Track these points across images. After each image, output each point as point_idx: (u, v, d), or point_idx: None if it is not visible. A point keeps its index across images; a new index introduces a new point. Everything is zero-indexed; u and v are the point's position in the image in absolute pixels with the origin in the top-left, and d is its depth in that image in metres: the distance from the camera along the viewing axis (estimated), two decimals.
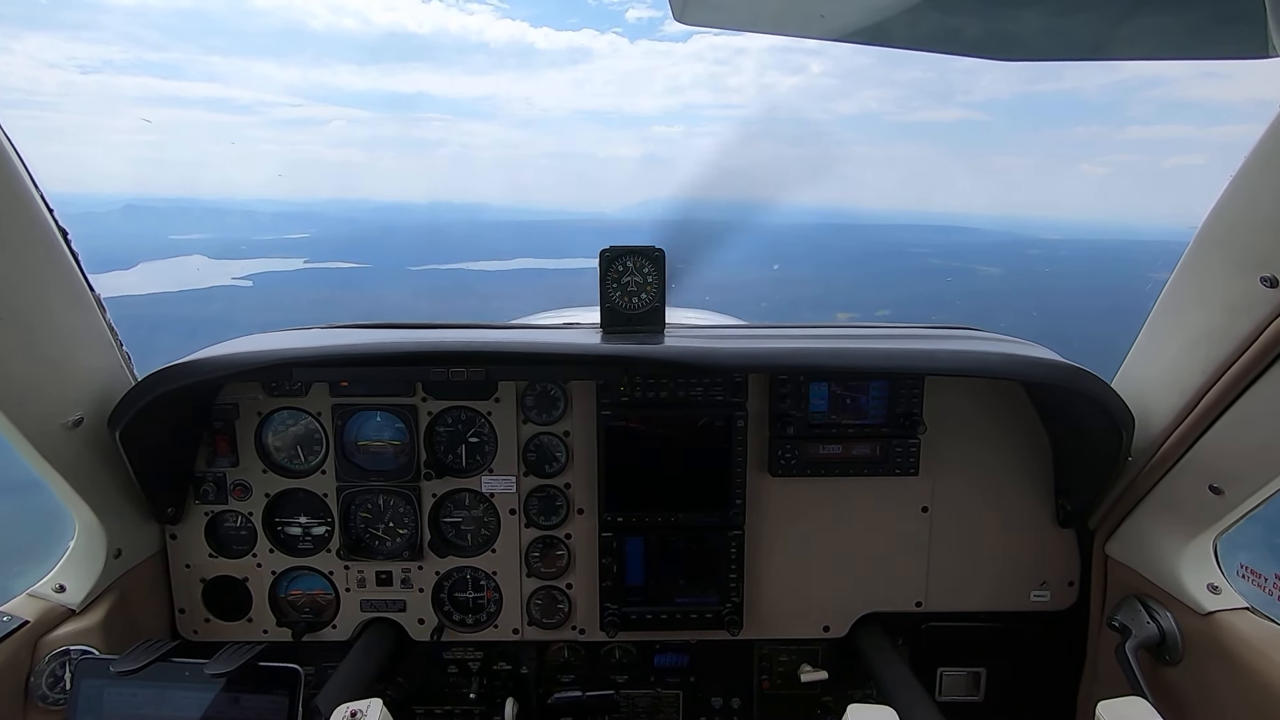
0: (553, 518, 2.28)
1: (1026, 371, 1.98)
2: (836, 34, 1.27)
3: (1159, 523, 1.95)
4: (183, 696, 1.64)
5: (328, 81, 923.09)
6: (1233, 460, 1.71)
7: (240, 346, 2.06)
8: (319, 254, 78.44)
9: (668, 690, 2.44)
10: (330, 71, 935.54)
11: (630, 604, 2.26)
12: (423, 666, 2.40)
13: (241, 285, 56.42)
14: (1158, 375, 1.89)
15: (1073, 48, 1.28)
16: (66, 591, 1.94)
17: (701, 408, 2.19)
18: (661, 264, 2.18)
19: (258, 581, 2.29)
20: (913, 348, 2.04)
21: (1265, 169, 1.47)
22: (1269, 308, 1.51)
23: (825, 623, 2.35)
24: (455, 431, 2.27)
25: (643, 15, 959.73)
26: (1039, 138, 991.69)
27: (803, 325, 2.34)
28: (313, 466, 2.26)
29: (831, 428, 2.22)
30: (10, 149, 1.56)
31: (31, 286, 1.68)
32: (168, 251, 69.17)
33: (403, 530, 2.30)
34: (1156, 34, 1.20)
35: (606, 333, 2.19)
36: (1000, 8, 1.19)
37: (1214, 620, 1.80)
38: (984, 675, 2.41)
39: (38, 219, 1.68)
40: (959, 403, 2.24)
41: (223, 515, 2.27)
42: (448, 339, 2.08)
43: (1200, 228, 1.68)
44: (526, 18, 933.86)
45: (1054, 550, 2.30)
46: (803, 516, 2.28)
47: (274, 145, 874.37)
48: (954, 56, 1.38)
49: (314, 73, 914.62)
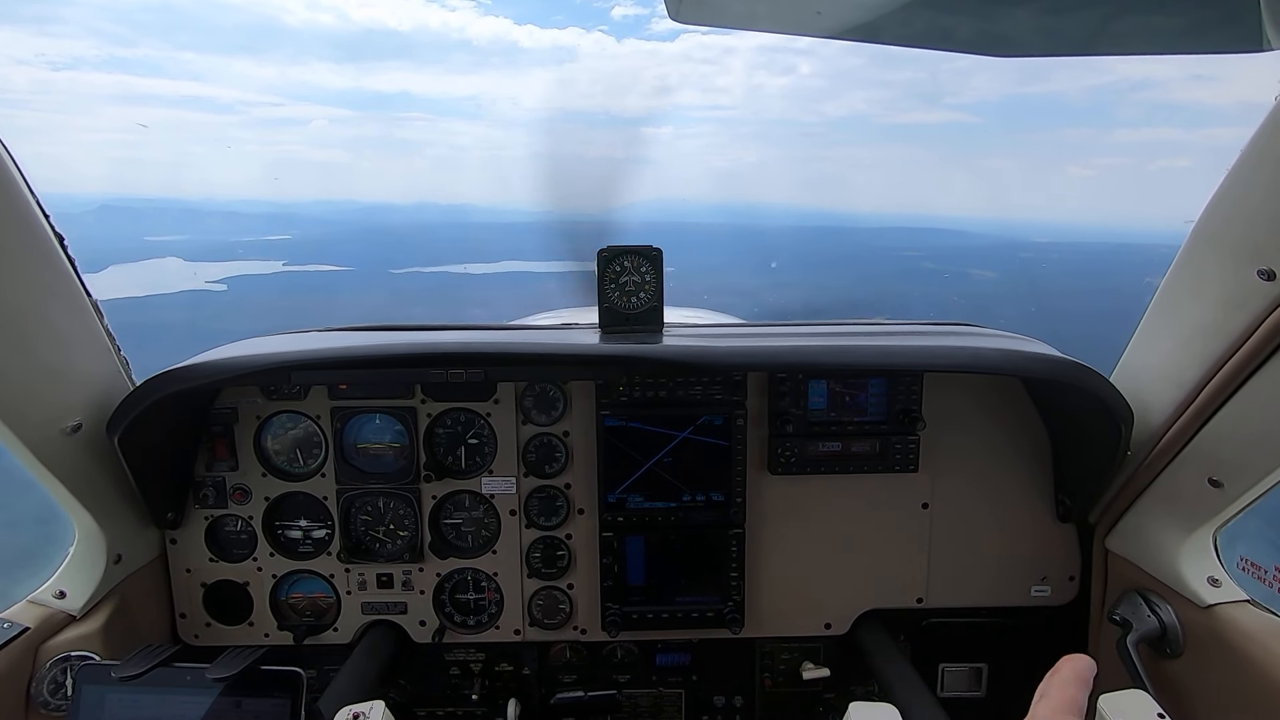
0: (553, 518, 2.28)
1: (1025, 367, 1.99)
2: (832, 32, 1.27)
3: (1159, 516, 1.95)
4: (184, 701, 1.64)
5: (308, 80, 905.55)
6: (1232, 453, 1.72)
7: (238, 350, 2.06)
8: (299, 256, 77.39)
9: (670, 689, 2.44)
10: (309, 70, 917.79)
11: (631, 604, 2.26)
12: (424, 668, 2.40)
13: (214, 290, 55.25)
14: (1156, 369, 1.89)
15: (1066, 44, 1.28)
16: (67, 597, 1.94)
17: (701, 407, 2.19)
18: (659, 263, 2.18)
19: (258, 585, 2.29)
20: (911, 344, 2.04)
21: (1262, 162, 1.48)
22: (1266, 300, 1.51)
23: (826, 620, 2.35)
24: (454, 433, 2.27)
25: (629, 13, 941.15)
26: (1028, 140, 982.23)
27: (801, 323, 2.35)
28: (312, 470, 2.25)
29: (831, 425, 2.22)
30: (5, 154, 1.56)
31: (28, 292, 1.68)
32: (142, 254, 67.99)
33: (403, 532, 2.29)
34: (1150, 30, 1.21)
35: (605, 333, 2.19)
36: (993, 5, 1.19)
37: (1214, 613, 1.80)
38: (985, 671, 2.42)
39: (33, 224, 1.67)
40: (958, 399, 2.24)
41: (223, 519, 2.26)
42: (446, 340, 2.08)
43: (1196, 221, 1.68)
44: (510, 15, 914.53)
45: (1054, 545, 2.30)
46: (803, 514, 2.29)
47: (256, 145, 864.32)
48: (945, 55, 1.39)
49: (292, 71, 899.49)
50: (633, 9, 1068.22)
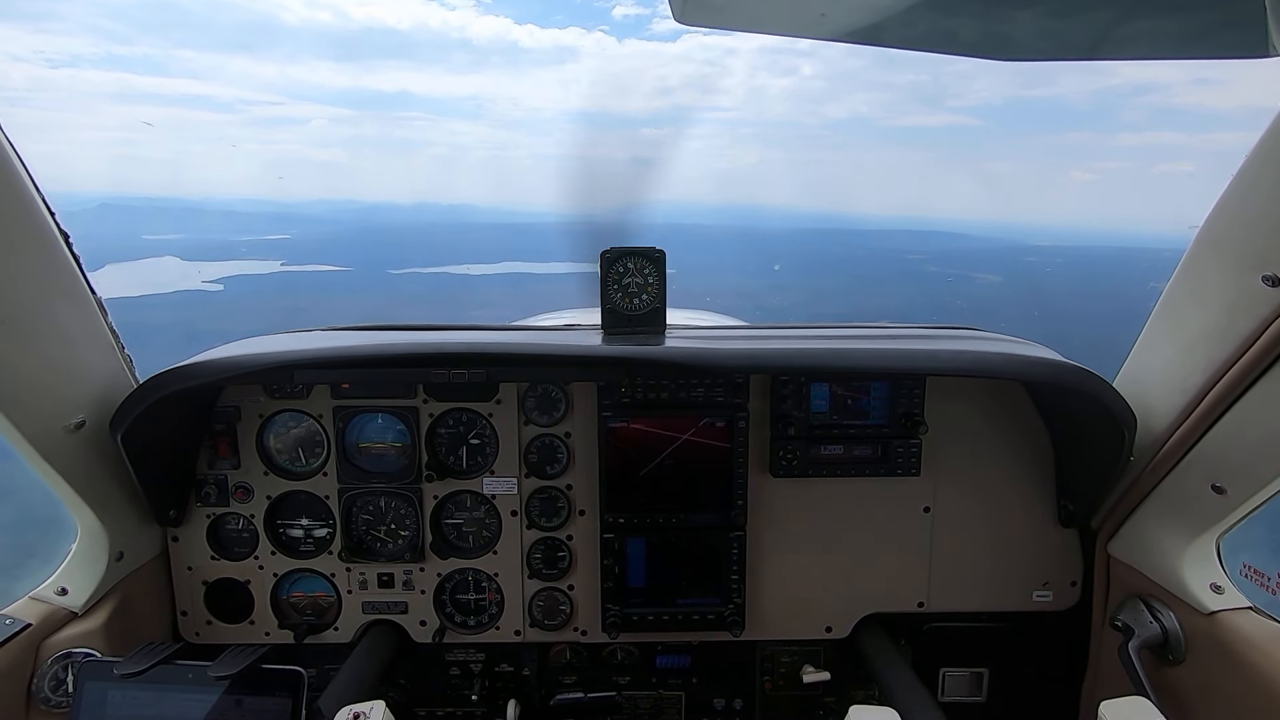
0: (554, 519, 2.28)
1: (1028, 371, 1.98)
2: (836, 34, 1.27)
3: (1161, 522, 1.94)
4: (185, 699, 1.64)
5: (307, 79, 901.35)
6: (1235, 459, 1.71)
7: (242, 349, 2.06)
8: (297, 256, 76.93)
9: (670, 691, 2.44)
10: (309, 68, 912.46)
11: (632, 605, 2.26)
12: (425, 668, 2.40)
13: (210, 290, 54.89)
14: (1159, 374, 1.89)
15: (1070, 48, 1.28)
16: (69, 594, 1.94)
17: (703, 409, 2.19)
18: (662, 265, 2.19)
19: (259, 584, 2.29)
20: (914, 348, 2.04)
21: (1266, 168, 1.47)
22: (1270, 306, 1.51)
23: (827, 623, 2.34)
24: (456, 433, 2.27)
25: (630, 12, 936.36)
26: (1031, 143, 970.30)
27: (803, 325, 2.35)
28: (314, 469, 2.26)
29: (833, 428, 2.22)
30: (11, 152, 1.56)
31: (33, 289, 1.69)
32: (140, 253, 67.66)
33: (404, 532, 2.30)
34: (1155, 34, 1.20)
35: (607, 334, 2.19)
36: (997, 7, 1.19)
37: (1217, 620, 1.80)
38: (986, 676, 2.41)
39: (39, 222, 1.68)
40: (960, 403, 2.24)
41: (224, 518, 2.27)
42: (449, 340, 2.09)
43: (1201, 227, 1.68)
44: (510, 14, 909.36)
45: (1056, 550, 2.30)
46: (804, 517, 2.28)
47: (256, 144, 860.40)
48: (948, 58, 1.39)
49: (292, 69, 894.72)
50: (634, 9, 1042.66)
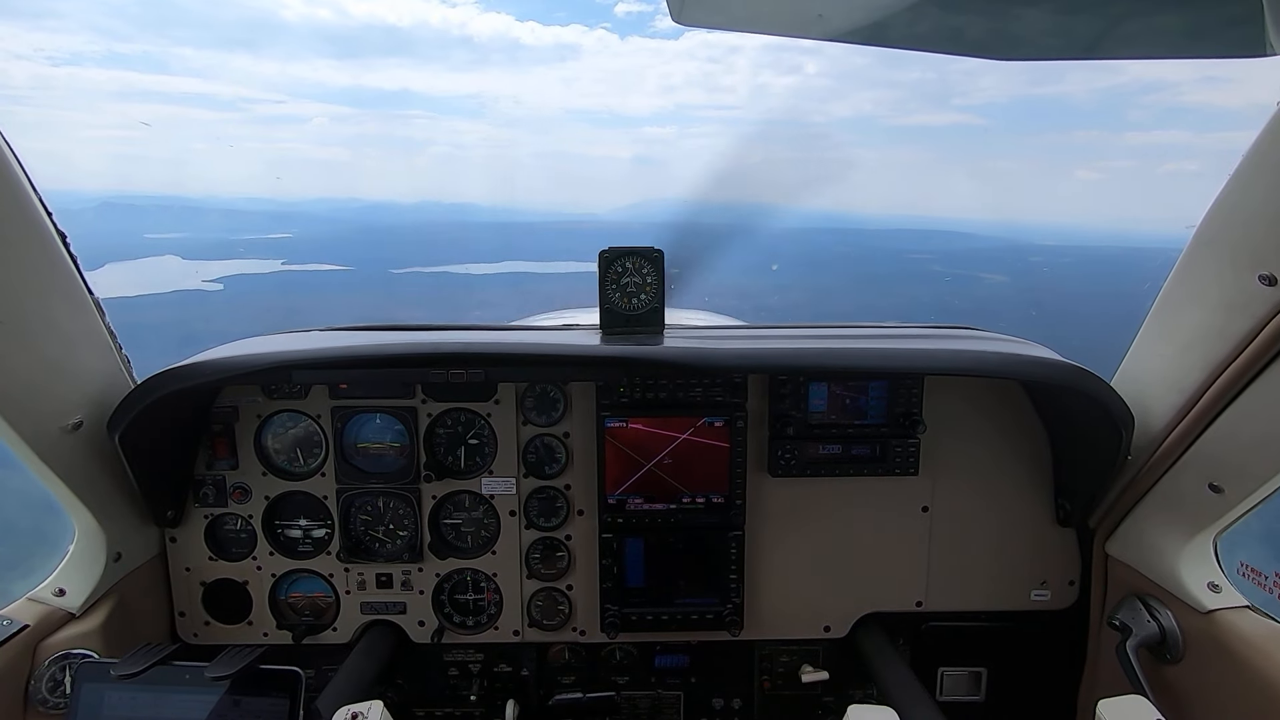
0: (553, 519, 2.28)
1: (1026, 371, 1.98)
2: (835, 34, 1.27)
3: (1159, 521, 1.95)
4: (183, 700, 1.63)
5: (307, 77, 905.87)
6: (1232, 458, 1.71)
7: (240, 349, 2.06)
8: (299, 256, 76.43)
9: (668, 691, 2.44)
10: (309, 66, 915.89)
11: (630, 605, 2.26)
12: (423, 668, 2.39)
13: (210, 289, 54.52)
14: (1157, 374, 1.89)
15: (1073, 47, 1.28)
16: (66, 595, 1.94)
17: (701, 408, 2.19)
18: (661, 265, 2.18)
19: (258, 584, 2.28)
20: (912, 347, 2.04)
21: (1262, 167, 1.47)
22: (1267, 306, 1.51)
23: (826, 623, 2.35)
24: (455, 433, 2.26)
25: (632, 9, 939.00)
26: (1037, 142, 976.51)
27: (802, 325, 2.35)
28: (312, 469, 2.25)
29: (831, 428, 2.22)
30: (8, 151, 1.56)
31: (30, 290, 1.68)
32: (141, 252, 67.28)
33: (403, 532, 2.29)
34: (1156, 33, 1.21)
35: (606, 334, 2.19)
36: (1000, 6, 1.19)
37: (1214, 619, 1.80)
38: (985, 675, 2.41)
39: (36, 222, 1.67)
40: (959, 402, 2.24)
41: (222, 518, 2.26)
42: (447, 340, 2.08)
43: (1198, 226, 1.68)
44: (511, 11, 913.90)
45: (1054, 549, 2.30)
46: (803, 517, 2.28)
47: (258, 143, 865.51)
48: (953, 57, 1.39)
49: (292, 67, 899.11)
50: (636, 5, 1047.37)
